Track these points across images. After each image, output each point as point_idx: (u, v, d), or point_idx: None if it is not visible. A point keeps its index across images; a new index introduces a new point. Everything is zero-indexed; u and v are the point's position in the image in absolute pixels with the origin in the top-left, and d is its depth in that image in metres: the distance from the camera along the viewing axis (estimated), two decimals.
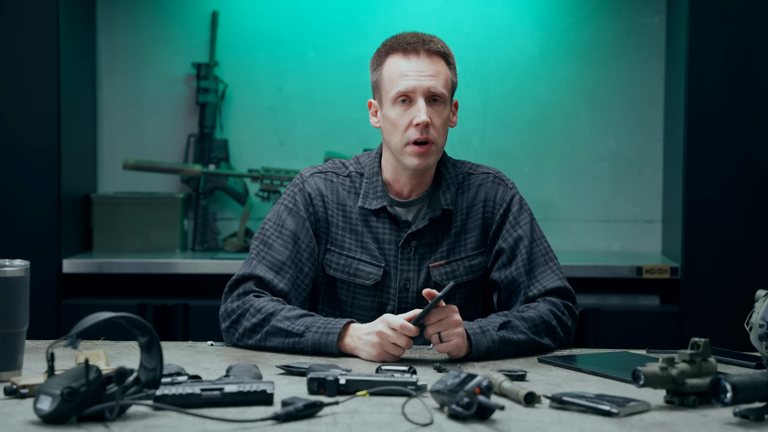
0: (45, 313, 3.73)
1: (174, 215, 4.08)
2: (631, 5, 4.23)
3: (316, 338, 2.18)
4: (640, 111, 4.24)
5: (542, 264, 2.36)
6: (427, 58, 2.30)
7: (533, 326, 2.25)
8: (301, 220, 2.35)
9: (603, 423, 1.68)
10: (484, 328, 2.19)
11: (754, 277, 3.72)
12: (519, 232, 2.37)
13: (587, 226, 4.28)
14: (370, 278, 2.36)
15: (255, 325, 2.24)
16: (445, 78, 2.31)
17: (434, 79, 2.29)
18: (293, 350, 2.22)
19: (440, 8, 4.24)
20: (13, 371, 1.90)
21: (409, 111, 2.29)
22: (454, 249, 2.38)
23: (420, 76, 2.29)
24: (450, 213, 2.38)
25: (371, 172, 2.38)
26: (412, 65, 2.30)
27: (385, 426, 1.64)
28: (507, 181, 2.43)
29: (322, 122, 4.26)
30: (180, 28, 4.24)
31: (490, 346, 2.18)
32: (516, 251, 2.36)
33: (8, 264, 1.90)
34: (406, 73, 2.29)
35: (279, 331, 2.22)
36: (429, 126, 2.28)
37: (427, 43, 2.31)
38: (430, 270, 2.36)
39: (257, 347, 2.26)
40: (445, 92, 2.31)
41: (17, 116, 3.77)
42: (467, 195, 2.39)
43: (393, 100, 2.30)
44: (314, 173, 2.40)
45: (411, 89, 2.28)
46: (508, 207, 2.39)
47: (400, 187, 2.37)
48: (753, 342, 2.01)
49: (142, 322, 1.68)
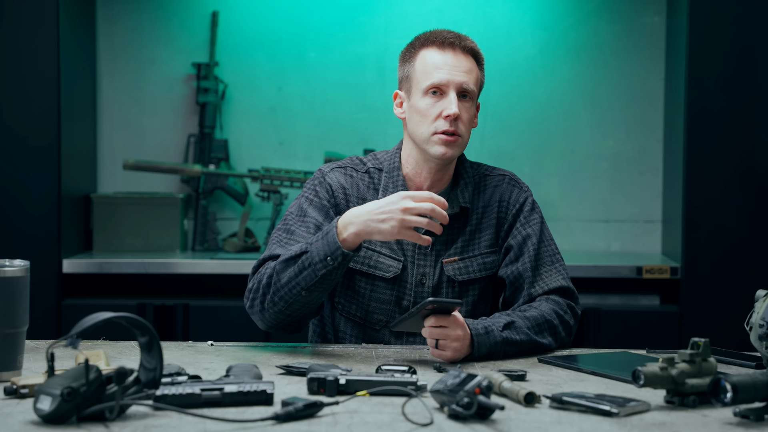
0: (45, 313, 3.73)
1: (174, 215, 4.08)
2: (631, 5, 4.23)
3: (319, 247, 2.16)
4: (640, 111, 4.24)
5: (548, 264, 2.39)
6: (462, 54, 2.34)
7: (536, 325, 2.26)
8: (324, 209, 2.36)
9: (603, 423, 1.68)
10: (488, 328, 2.19)
11: (754, 277, 3.72)
12: (528, 230, 2.41)
13: (587, 226, 4.28)
14: (390, 271, 2.37)
15: (269, 278, 2.22)
16: (476, 76, 2.36)
17: (467, 75, 2.33)
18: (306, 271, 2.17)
19: (440, 8, 4.23)
20: (13, 371, 1.90)
21: (440, 102, 2.32)
22: (468, 246, 2.40)
23: (454, 70, 2.32)
24: (467, 211, 2.41)
25: (391, 166, 2.41)
26: (448, 59, 2.33)
27: (385, 426, 1.64)
28: (522, 184, 2.48)
29: (322, 122, 4.26)
30: (180, 28, 4.24)
31: (491, 348, 2.19)
32: (524, 248, 2.39)
33: (8, 264, 1.90)
34: (441, 66, 2.33)
35: (286, 262, 2.20)
36: (458, 119, 2.31)
37: (463, 40, 2.36)
38: (443, 265, 2.37)
39: (279, 300, 2.20)
40: (475, 90, 2.35)
41: (17, 116, 3.77)
42: (483, 195, 2.43)
43: (425, 90, 2.33)
44: (334, 168, 2.42)
45: (444, 82, 2.32)
46: (521, 207, 2.43)
47: (421, 182, 2.39)
48: (753, 342, 2.01)
49: (142, 322, 1.68)
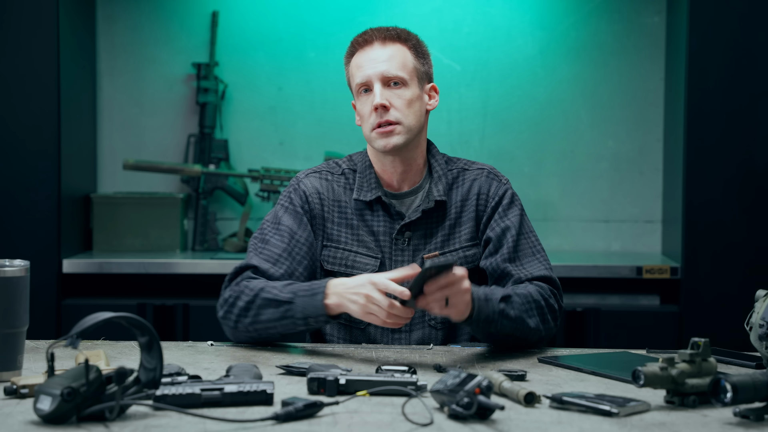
0: (45, 313, 3.73)
1: (174, 215, 4.08)
2: (631, 5, 4.23)
3: (304, 302, 2.18)
4: (640, 111, 4.24)
5: (529, 255, 2.38)
6: (381, 45, 2.36)
7: (525, 302, 2.25)
8: (298, 216, 2.37)
9: (603, 423, 1.68)
10: (488, 296, 2.19)
11: (754, 277, 3.72)
12: (507, 222, 2.39)
13: (587, 226, 4.28)
14: (367, 269, 2.37)
15: (248, 303, 2.23)
16: (401, 61, 2.35)
17: (388, 63, 2.34)
18: (286, 320, 2.20)
19: (440, 8, 4.24)
20: (13, 371, 1.90)
21: (369, 98, 2.35)
22: (448, 240, 2.40)
23: (373, 63, 2.34)
24: (444, 204, 2.40)
25: (363, 166, 2.42)
26: (366, 55, 2.36)
27: (385, 426, 1.64)
28: (501, 177, 2.46)
29: (322, 122, 4.26)
30: (180, 28, 4.24)
31: (490, 316, 2.18)
32: (503, 240, 2.37)
33: (8, 264, 1.90)
34: (362, 63, 2.36)
35: (269, 302, 2.22)
36: (388, 108, 2.32)
37: (382, 32, 2.37)
38: (424, 261, 2.37)
39: (253, 330, 2.24)
40: (402, 74, 2.34)
41: (17, 116, 3.77)
42: (462, 189, 2.42)
43: (356, 93, 2.38)
44: (309, 174, 2.45)
45: (367, 78, 2.34)
46: (500, 200, 2.41)
47: (390, 178, 2.40)
48: (753, 342, 2.01)
49: (142, 322, 1.68)
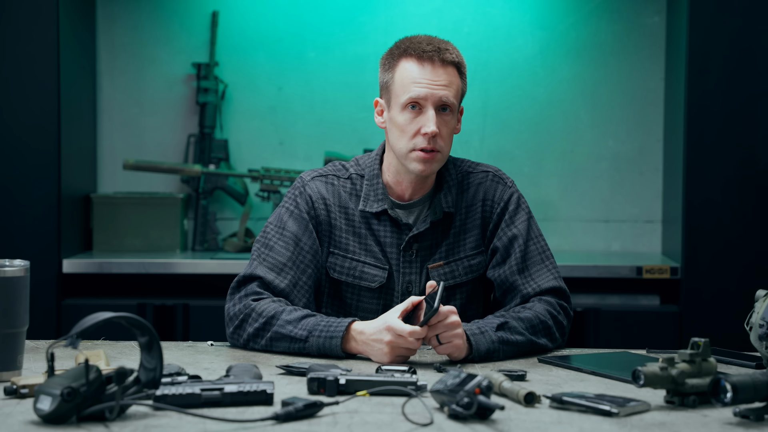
0: (45, 313, 3.73)
1: (174, 215, 4.08)
2: (631, 5, 4.23)
3: (320, 343, 2.17)
4: (640, 111, 4.24)
5: (538, 263, 2.35)
6: (441, 67, 2.28)
7: (530, 326, 2.24)
8: (303, 222, 2.33)
9: (603, 423, 1.68)
10: (482, 328, 2.18)
11: (754, 277, 3.71)
12: (514, 230, 2.35)
13: (587, 226, 4.28)
14: (375, 281, 2.35)
15: (258, 330, 2.22)
16: (456, 88, 2.30)
17: (446, 89, 2.27)
18: (300, 354, 2.21)
19: (440, 8, 4.23)
20: (13, 371, 1.90)
21: (418, 119, 2.27)
22: (453, 249, 2.37)
23: (433, 85, 2.26)
24: (451, 215, 2.37)
25: (372, 174, 2.37)
26: (426, 73, 2.27)
27: (385, 426, 1.64)
28: (506, 179, 2.42)
29: (322, 122, 4.26)
30: (180, 28, 4.24)
31: (490, 347, 2.17)
32: (510, 250, 2.34)
33: (8, 264, 1.90)
34: (419, 80, 2.27)
35: (282, 337, 2.20)
36: (437, 136, 2.26)
37: (442, 53, 2.29)
38: (429, 271, 2.36)
39: (265, 351, 2.24)
40: (455, 102, 2.30)
41: (17, 116, 3.77)
42: (466, 194, 2.38)
43: (403, 105, 2.28)
44: (315, 177, 2.38)
45: (422, 97, 2.26)
46: (506, 205, 2.37)
47: (402, 190, 2.36)
48: (753, 342, 2.01)
49: (142, 322, 1.68)
